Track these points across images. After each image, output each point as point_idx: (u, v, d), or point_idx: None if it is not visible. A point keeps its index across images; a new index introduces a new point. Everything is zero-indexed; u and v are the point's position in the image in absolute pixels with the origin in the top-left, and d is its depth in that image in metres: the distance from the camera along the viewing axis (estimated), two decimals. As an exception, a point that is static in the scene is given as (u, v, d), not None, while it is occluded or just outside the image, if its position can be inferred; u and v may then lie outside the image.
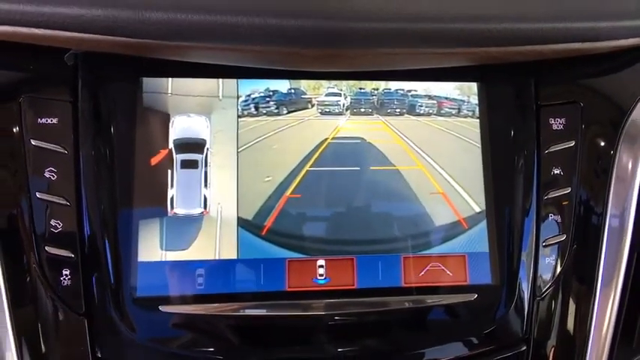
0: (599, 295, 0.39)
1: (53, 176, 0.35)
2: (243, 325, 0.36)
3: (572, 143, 0.40)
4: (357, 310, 0.37)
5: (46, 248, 0.34)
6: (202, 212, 0.37)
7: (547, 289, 0.39)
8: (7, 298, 0.34)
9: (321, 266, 0.38)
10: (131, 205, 0.36)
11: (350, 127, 0.39)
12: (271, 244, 0.37)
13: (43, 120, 0.35)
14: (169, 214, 0.37)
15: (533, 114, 0.41)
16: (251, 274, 0.36)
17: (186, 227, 0.36)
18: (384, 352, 0.37)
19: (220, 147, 0.38)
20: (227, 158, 0.38)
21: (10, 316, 0.34)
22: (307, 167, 0.38)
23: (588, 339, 0.39)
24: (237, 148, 0.38)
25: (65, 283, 0.34)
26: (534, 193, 0.40)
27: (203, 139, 0.38)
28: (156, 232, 0.36)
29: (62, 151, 0.35)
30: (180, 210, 0.37)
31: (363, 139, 0.40)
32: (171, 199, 0.37)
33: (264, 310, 0.36)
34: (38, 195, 0.35)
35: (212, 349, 0.35)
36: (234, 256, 0.37)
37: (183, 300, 0.36)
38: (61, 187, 0.35)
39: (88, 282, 0.35)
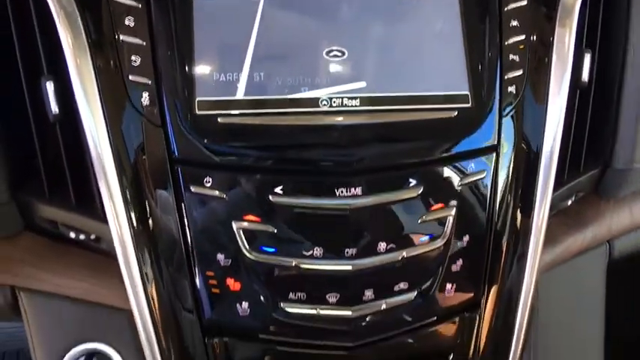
0: (549, 117, 0.51)
1: (132, 24, 0.45)
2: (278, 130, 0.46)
3: (525, 2, 0.51)
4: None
5: (130, 77, 0.45)
6: None
7: (509, 111, 0.50)
8: (106, 121, 0.44)
9: None
10: (191, 43, 0.46)
11: None
12: None
13: None
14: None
15: None
16: None
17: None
18: (389, 152, 0.48)
19: None
20: None
21: (108, 132, 0.44)
22: None
23: (541, 150, 0.51)
24: None
25: (145, 103, 0.45)
26: (498, 40, 0.51)
27: None
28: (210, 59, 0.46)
29: (136, 5, 0.45)
30: None
31: None
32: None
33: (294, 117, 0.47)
34: (122, 37, 0.45)
35: (253, 146, 0.46)
36: None
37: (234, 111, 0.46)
38: (138, 31, 0.45)
39: (162, 101, 0.45)
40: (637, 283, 0.73)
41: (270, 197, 0.46)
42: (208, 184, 0.46)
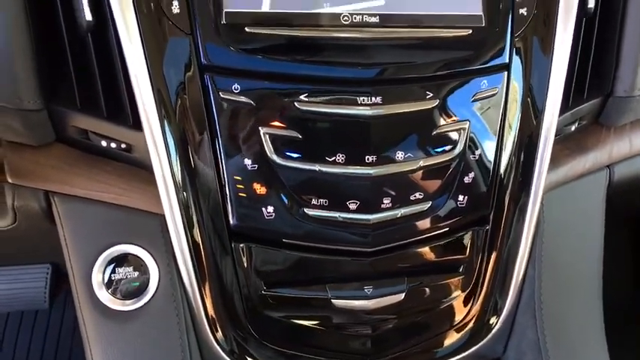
0: (557, 41, 0.54)
1: None
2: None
3: None
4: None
5: None
6: None
7: (520, 33, 0.53)
8: (139, 29, 0.46)
9: None
10: None
11: None
12: None
13: None
14: None
15: None
16: None
17: None
18: (407, 65, 0.50)
19: None
20: None
21: (142, 41, 0.46)
22: None
23: (550, 71, 0.54)
24: None
25: (175, 11, 0.47)
26: None
27: None
28: None
29: None
30: None
31: None
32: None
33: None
34: None
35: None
36: None
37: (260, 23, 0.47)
38: None
39: (192, 11, 0.47)
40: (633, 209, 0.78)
41: (296, 104, 0.48)
42: (236, 91, 0.48)
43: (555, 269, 0.62)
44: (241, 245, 0.52)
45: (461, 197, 0.54)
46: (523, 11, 0.53)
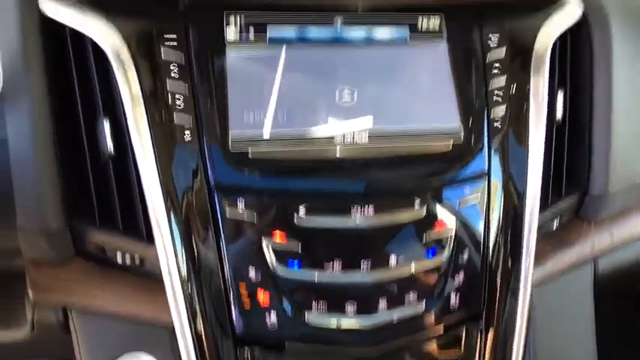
0: (530, 149, 0.59)
1: (176, 75, 0.53)
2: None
3: (504, 52, 0.60)
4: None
5: (175, 119, 0.52)
6: None
7: (496, 143, 0.58)
8: (156, 157, 0.51)
9: None
10: (225, 92, 0.54)
11: None
12: None
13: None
14: None
15: (479, 38, 0.60)
16: None
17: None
18: (395, 179, 0.55)
19: None
20: None
21: (157, 167, 0.51)
22: None
23: (526, 176, 0.59)
24: None
25: (187, 140, 0.53)
26: (483, 84, 0.60)
27: None
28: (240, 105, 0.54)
29: (180, 61, 0.53)
30: None
31: None
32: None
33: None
34: (168, 85, 0.52)
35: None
36: None
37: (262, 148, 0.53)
38: (182, 81, 0.53)
39: (201, 140, 0.53)
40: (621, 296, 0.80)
41: (295, 218, 0.53)
42: (241, 208, 0.53)
43: (550, 358, 0.64)
44: (246, 349, 0.55)
45: (453, 297, 0.58)
46: (497, 124, 0.59)
